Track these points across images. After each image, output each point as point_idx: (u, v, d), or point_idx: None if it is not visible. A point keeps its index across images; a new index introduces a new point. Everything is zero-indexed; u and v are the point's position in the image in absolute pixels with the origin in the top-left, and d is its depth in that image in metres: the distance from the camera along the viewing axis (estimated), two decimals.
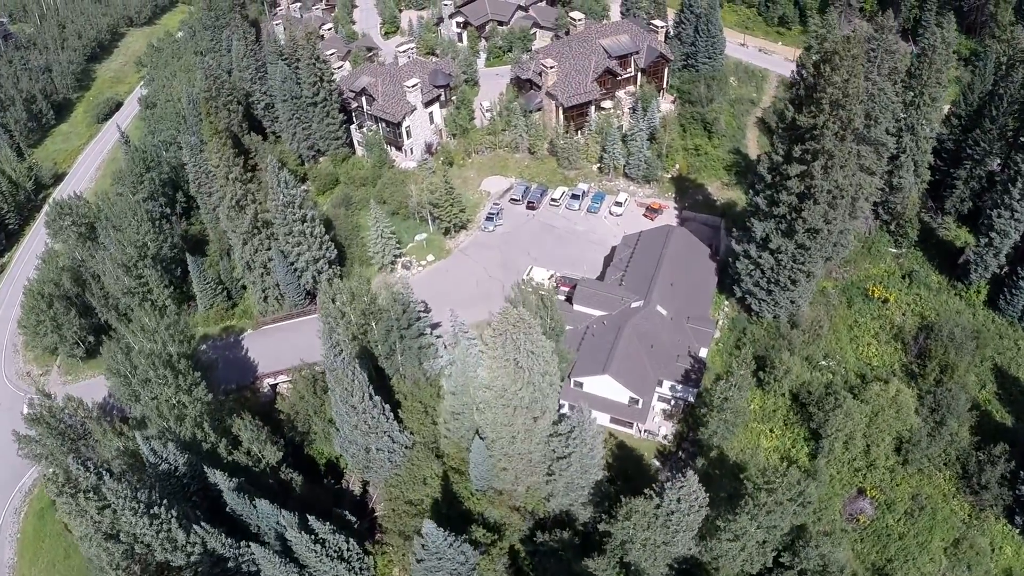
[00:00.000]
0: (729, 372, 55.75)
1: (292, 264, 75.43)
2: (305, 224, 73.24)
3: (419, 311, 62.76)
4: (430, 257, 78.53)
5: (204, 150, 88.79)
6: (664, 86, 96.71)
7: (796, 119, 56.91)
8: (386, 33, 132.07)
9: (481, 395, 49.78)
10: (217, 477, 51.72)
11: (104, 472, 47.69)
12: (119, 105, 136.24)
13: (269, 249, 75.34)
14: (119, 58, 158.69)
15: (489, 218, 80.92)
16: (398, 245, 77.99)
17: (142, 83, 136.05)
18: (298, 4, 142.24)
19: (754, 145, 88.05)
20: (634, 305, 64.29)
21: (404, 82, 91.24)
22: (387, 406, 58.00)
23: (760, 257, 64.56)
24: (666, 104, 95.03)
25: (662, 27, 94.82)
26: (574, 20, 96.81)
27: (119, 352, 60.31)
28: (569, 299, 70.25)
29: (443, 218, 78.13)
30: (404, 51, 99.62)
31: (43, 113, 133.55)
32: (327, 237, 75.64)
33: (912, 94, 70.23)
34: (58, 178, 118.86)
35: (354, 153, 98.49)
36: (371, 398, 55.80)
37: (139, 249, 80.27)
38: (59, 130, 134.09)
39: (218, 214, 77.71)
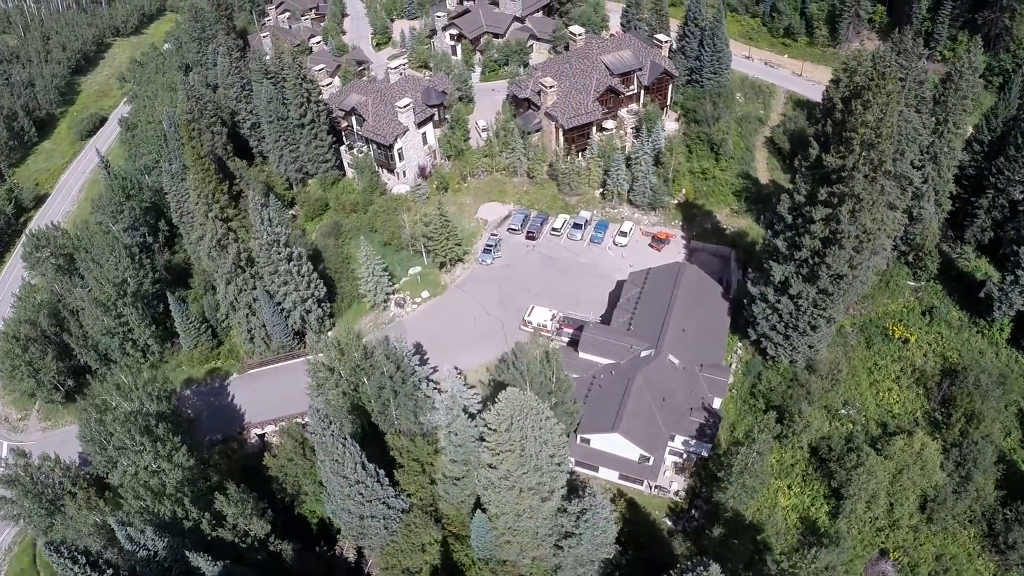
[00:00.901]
0: (749, 437, 50.53)
1: (279, 304, 69.79)
2: (291, 263, 67.51)
3: (414, 364, 57.27)
4: (425, 293, 72.86)
5: (186, 178, 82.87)
6: (668, 103, 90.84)
7: (823, 159, 51.36)
8: (377, 44, 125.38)
9: (484, 473, 44.51)
10: (200, 561, 46.47)
11: (79, 559, 42.71)
12: (103, 121, 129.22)
13: (254, 288, 69.68)
14: (105, 70, 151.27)
15: (487, 250, 75.21)
16: (391, 281, 72.32)
17: (125, 99, 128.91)
18: (286, 15, 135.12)
19: (763, 168, 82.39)
20: (644, 354, 58.95)
21: (396, 102, 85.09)
22: (381, 471, 52.72)
23: (778, 302, 59.22)
24: (670, 123, 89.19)
25: (666, 42, 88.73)
26: (574, 35, 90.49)
27: (93, 418, 54.64)
28: (574, 343, 64.98)
29: (438, 252, 72.45)
30: (396, 67, 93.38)
31: (25, 131, 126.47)
32: (315, 275, 69.91)
33: (935, 121, 64.77)
34: (40, 200, 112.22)
35: (344, 175, 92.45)
36: (364, 467, 50.51)
37: (118, 287, 74.35)
38: (41, 148, 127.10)
39: (199, 251, 71.80)
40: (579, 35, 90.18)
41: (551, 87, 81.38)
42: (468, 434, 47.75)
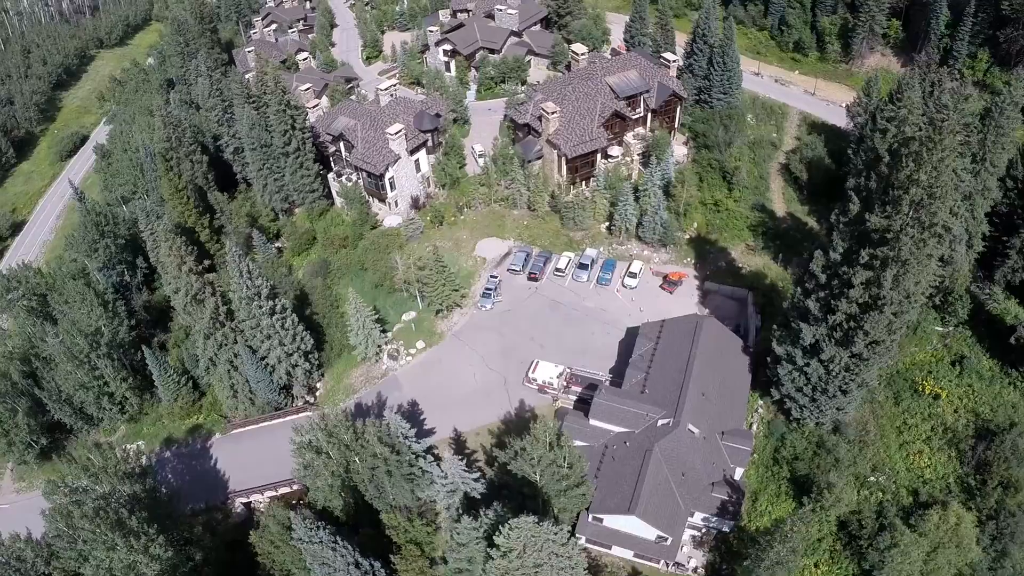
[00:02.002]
0: (780, 530, 44.34)
1: (262, 359, 63.14)
2: (275, 316, 60.79)
3: (411, 441, 50.80)
4: (420, 344, 66.24)
5: (162, 215, 75.90)
6: (676, 126, 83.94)
7: (866, 218, 44.80)
8: (367, 58, 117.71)
9: None
10: None
11: None
12: (84, 140, 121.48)
13: (235, 342, 62.99)
14: (87, 84, 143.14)
15: (486, 294, 68.47)
16: (383, 332, 65.68)
17: (104, 119, 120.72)
18: (273, 27, 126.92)
19: (779, 199, 75.72)
20: (661, 422, 52.65)
21: (386, 128, 77.98)
22: (376, 563, 46.56)
23: (807, 364, 52.96)
24: (679, 147, 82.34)
25: (674, 61, 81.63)
26: (576, 54, 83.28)
27: (60, 514, 47.91)
28: (583, 402, 58.73)
29: (433, 299, 65.80)
30: (386, 89, 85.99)
31: (2, 152, 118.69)
32: (301, 327, 63.19)
33: (972, 159, 58.32)
34: (17, 227, 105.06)
35: (332, 204, 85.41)
36: (358, 566, 44.33)
37: (91, 338, 67.59)
38: (20, 169, 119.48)
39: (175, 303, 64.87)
40: (582, 55, 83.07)
41: (553, 113, 74.33)
42: (471, 535, 41.50)
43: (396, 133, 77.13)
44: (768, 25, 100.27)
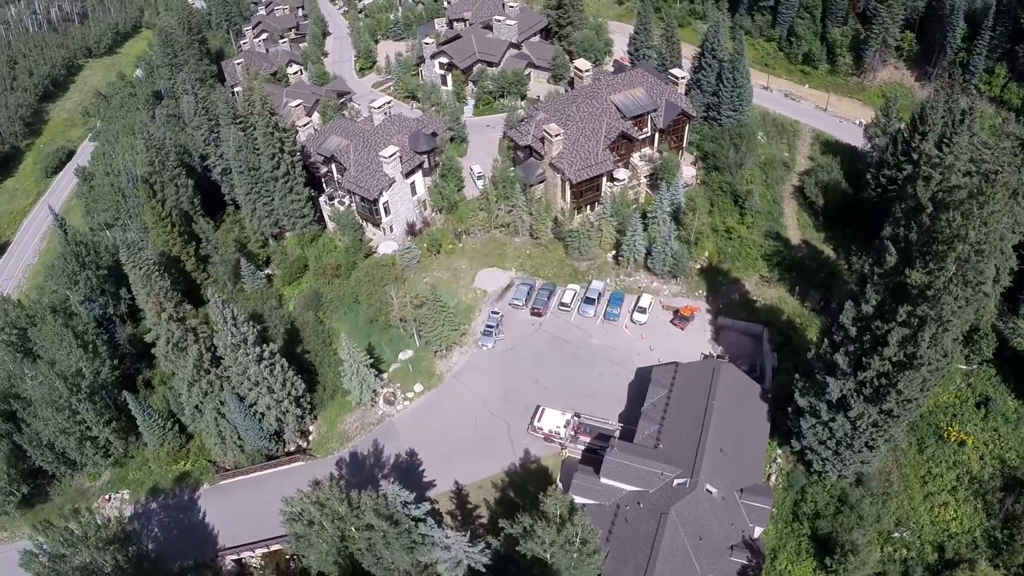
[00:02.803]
0: None
1: (251, 406, 58.70)
2: (263, 364, 56.26)
3: (410, 506, 46.47)
4: (418, 386, 61.80)
5: (144, 247, 71.10)
6: (684, 145, 79.26)
7: (905, 274, 40.38)
8: (360, 69, 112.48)
9: None
10: None
11: None
12: (70, 155, 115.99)
13: (222, 389, 58.50)
14: (75, 95, 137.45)
15: (487, 332, 64.00)
16: (378, 375, 61.20)
17: (89, 136, 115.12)
18: (264, 36, 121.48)
19: (794, 224, 71.22)
20: (677, 482, 48.43)
21: (380, 151, 73.14)
22: None
23: (832, 419, 48.74)
24: (687, 168, 77.68)
25: (683, 78, 76.81)
26: (580, 71, 78.29)
27: None
28: (592, 452, 54.59)
29: (431, 340, 61.35)
30: (380, 107, 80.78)
31: None
32: (291, 372, 58.63)
33: None
34: (0, 249, 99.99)
35: (324, 229, 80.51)
36: None
37: (70, 381, 62.99)
38: (4, 187, 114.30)
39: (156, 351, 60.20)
40: (586, 71, 78.07)
41: (557, 136, 69.55)
42: None
43: (390, 156, 72.32)
44: (776, 36, 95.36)
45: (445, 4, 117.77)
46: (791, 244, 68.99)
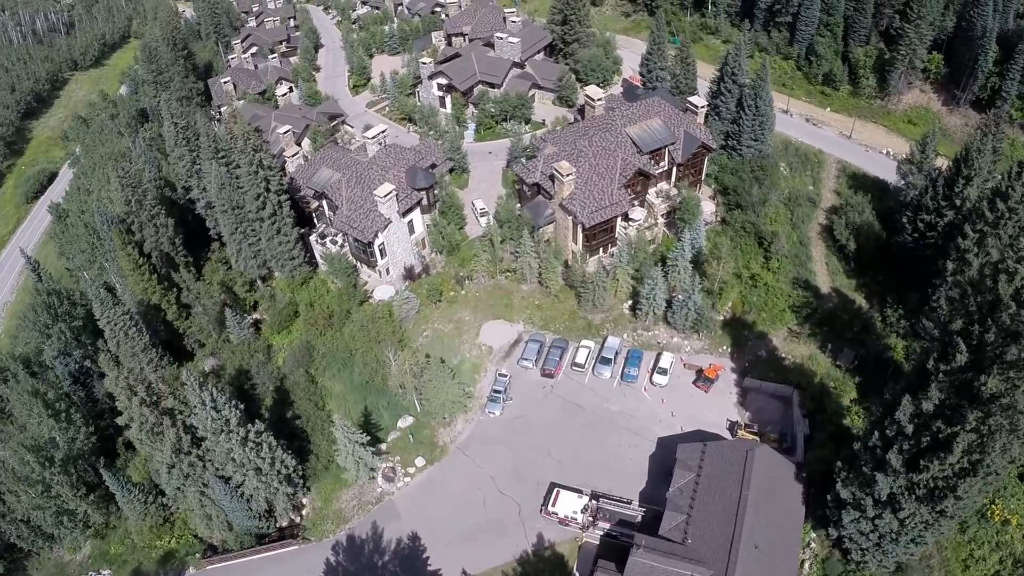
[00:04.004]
0: None
1: (238, 487, 51.71)
2: (248, 446, 49.15)
3: None
4: (419, 460, 54.88)
5: (120, 303, 63.50)
6: (703, 179, 71.83)
7: (979, 380, 33.48)
8: (354, 86, 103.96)
9: None
10: None
11: None
12: (53, 177, 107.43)
13: (205, 470, 51.46)
14: (60, 111, 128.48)
15: (494, 398, 57.02)
16: (376, 452, 54.12)
17: (68, 163, 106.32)
18: (253, 50, 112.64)
19: (823, 270, 64.11)
20: None
21: (375, 188, 65.54)
22: None
23: (879, 515, 42.14)
24: (706, 203, 70.27)
25: (702, 107, 69.22)
26: (592, 100, 70.40)
27: None
28: (611, 537, 47.91)
29: (434, 411, 54.32)
30: (374, 137, 72.79)
31: None
32: (280, 450, 51.54)
33: None
34: None
35: (315, 269, 72.95)
36: None
37: (43, 453, 55.89)
38: None
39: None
40: (598, 100, 70.16)
41: (568, 175, 62.02)
42: None
43: (386, 196, 64.73)
44: (794, 54, 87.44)
45: (443, 17, 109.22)
46: (821, 293, 61.98)
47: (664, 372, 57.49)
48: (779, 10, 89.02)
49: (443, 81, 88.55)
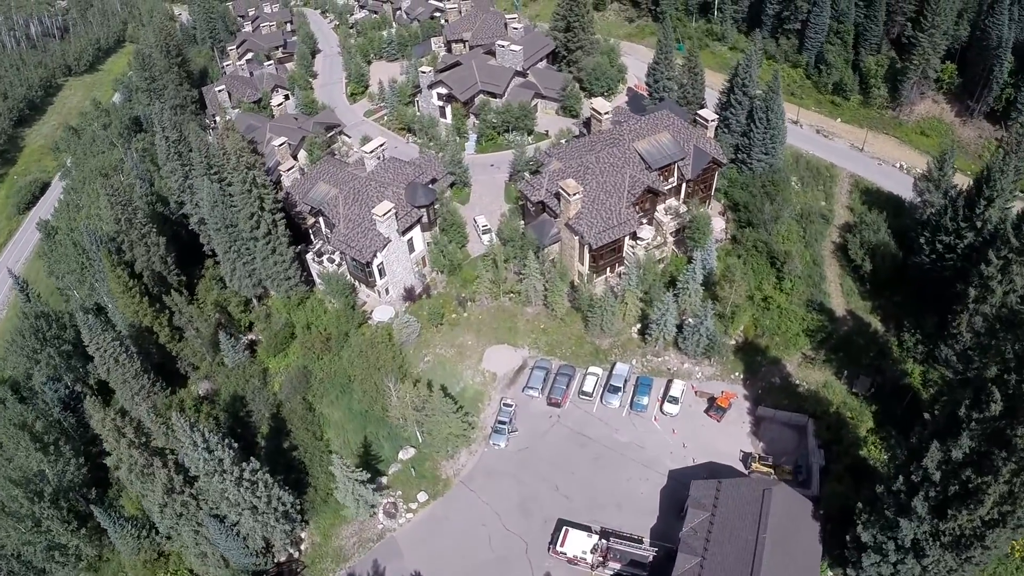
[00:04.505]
0: None
1: (233, 525, 49.07)
2: (243, 485, 46.46)
3: None
4: (422, 496, 52.26)
5: (109, 330, 60.51)
6: (711, 194, 68.97)
7: (1015, 433, 30.95)
8: (352, 94, 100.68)
9: None
10: None
11: None
12: (45, 188, 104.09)
13: (199, 509, 48.80)
14: (53, 118, 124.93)
15: (499, 430, 54.38)
16: (376, 489, 51.45)
17: (58, 174, 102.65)
18: (249, 56, 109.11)
19: (837, 291, 61.38)
20: None
21: (373, 207, 62.57)
22: None
23: (902, 560, 39.69)
24: (716, 219, 67.42)
25: (712, 121, 66.28)
26: (598, 113, 67.31)
27: None
28: None
29: (437, 447, 51.65)
30: (372, 151, 69.65)
31: None
32: (276, 488, 48.84)
33: None
34: None
35: (313, 288, 69.98)
36: None
37: (31, 487, 53.21)
38: None
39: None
40: (605, 114, 67.08)
41: (575, 195, 59.10)
42: None
43: (385, 215, 61.78)
44: (803, 62, 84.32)
45: (442, 22, 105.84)
46: (835, 316, 59.28)
47: (675, 401, 54.87)
48: (788, 17, 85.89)
49: (443, 91, 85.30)
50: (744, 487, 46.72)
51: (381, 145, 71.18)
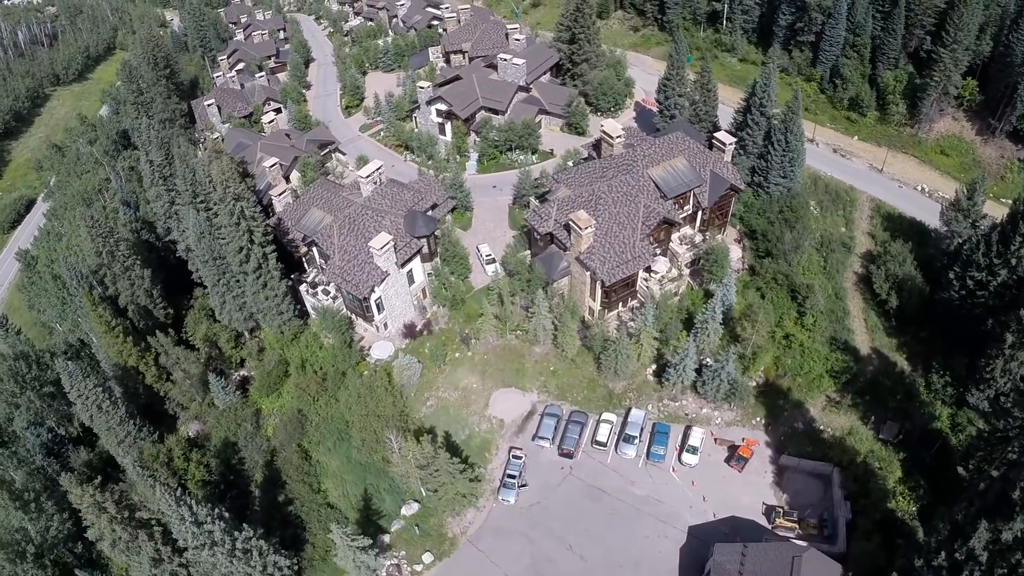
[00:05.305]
0: None
1: None
2: (236, 556, 42.43)
3: None
4: (427, 557, 48.38)
5: (91, 376, 56.05)
6: (728, 221, 64.81)
7: None
8: (347, 107, 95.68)
9: None
10: None
11: None
12: (31, 205, 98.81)
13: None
14: (40, 130, 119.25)
15: (508, 485, 50.37)
16: (378, 550, 47.49)
17: (42, 195, 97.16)
18: (240, 66, 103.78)
19: (861, 328, 57.42)
20: None
21: (370, 240, 58.14)
22: None
23: None
24: (733, 247, 63.29)
25: (730, 144, 61.97)
26: (609, 137, 62.77)
27: None
28: None
29: (442, 505, 47.68)
30: (368, 176, 64.90)
31: None
32: (272, 552, 44.78)
33: None
34: None
35: (308, 321, 65.40)
36: None
37: (11, 550, 49.05)
38: None
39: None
40: (617, 137, 62.47)
41: (587, 228, 54.74)
42: None
43: (382, 248, 57.35)
44: (818, 76, 79.84)
45: (440, 31, 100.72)
46: (860, 355, 55.39)
47: (694, 451, 51.01)
48: (801, 28, 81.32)
49: (442, 107, 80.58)
50: (772, 553, 42.90)
51: (378, 169, 66.45)
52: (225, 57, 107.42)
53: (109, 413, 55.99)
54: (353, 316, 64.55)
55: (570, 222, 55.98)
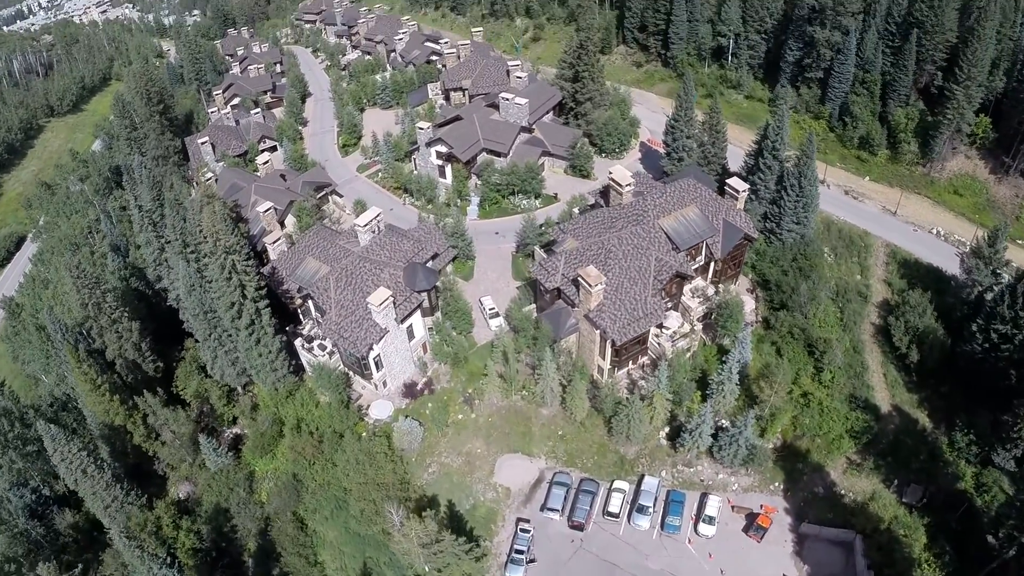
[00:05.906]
0: None
1: None
2: None
3: None
4: None
5: (73, 441, 53.46)
6: (740, 271, 62.76)
7: None
8: (344, 146, 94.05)
9: None
10: None
11: None
12: (21, 242, 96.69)
13: None
14: (33, 163, 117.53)
15: (516, 561, 47.63)
16: None
17: (31, 235, 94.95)
18: (235, 102, 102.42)
19: (881, 383, 55.15)
20: None
21: (368, 295, 55.92)
22: None
23: None
24: (746, 297, 61.14)
25: (743, 191, 60.11)
26: (619, 185, 60.83)
27: None
28: None
29: None
30: (367, 225, 62.74)
31: None
32: None
33: None
34: None
35: (303, 377, 62.76)
36: None
37: None
38: None
39: None
40: (626, 186, 60.39)
41: (598, 285, 52.54)
42: None
43: (381, 304, 55.10)
44: (826, 114, 78.51)
45: (440, 67, 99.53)
46: (880, 412, 53.09)
47: (711, 521, 48.36)
48: (809, 65, 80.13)
49: (443, 149, 78.91)
50: None
51: (376, 216, 64.23)
52: (221, 91, 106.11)
53: (94, 478, 53.35)
54: (350, 373, 62.26)
55: (579, 278, 53.76)
